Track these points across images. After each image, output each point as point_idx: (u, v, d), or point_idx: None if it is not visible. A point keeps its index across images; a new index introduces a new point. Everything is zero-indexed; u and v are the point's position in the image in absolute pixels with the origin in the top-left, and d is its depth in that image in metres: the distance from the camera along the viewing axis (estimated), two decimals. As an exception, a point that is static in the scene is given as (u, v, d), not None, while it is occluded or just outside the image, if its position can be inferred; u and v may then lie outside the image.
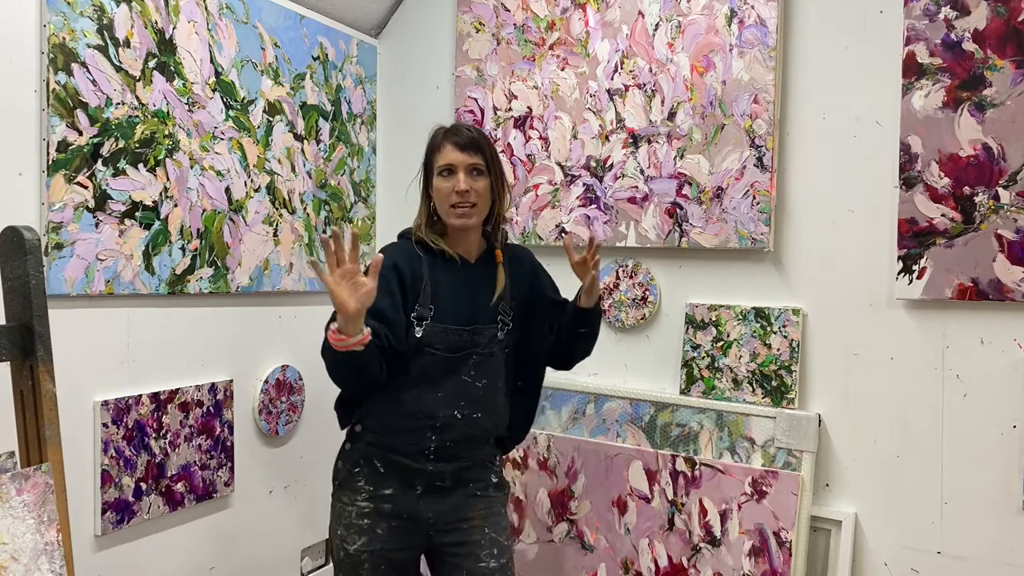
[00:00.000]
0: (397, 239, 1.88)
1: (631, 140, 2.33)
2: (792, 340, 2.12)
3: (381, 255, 1.58)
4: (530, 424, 1.98)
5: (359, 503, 1.77)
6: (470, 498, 1.81)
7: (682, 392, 2.27)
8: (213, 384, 2.18)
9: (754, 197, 2.15)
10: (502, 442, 1.93)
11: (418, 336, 1.73)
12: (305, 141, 2.49)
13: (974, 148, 1.89)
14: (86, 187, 1.84)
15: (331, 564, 2.65)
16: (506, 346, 1.85)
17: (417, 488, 1.77)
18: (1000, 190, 1.86)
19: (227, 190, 2.21)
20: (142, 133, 1.96)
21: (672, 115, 2.27)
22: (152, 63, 1.98)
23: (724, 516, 2.11)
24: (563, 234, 2.41)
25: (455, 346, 1.76)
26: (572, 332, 1.89)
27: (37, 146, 1.77)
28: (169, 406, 2.05)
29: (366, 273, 1.52)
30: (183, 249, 2.08)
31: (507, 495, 1.95)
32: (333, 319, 1.56)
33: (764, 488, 2.06)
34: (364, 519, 1.75)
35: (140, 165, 1.96)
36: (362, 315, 1.52)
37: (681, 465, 2.18)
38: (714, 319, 2.24)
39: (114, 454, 1.92)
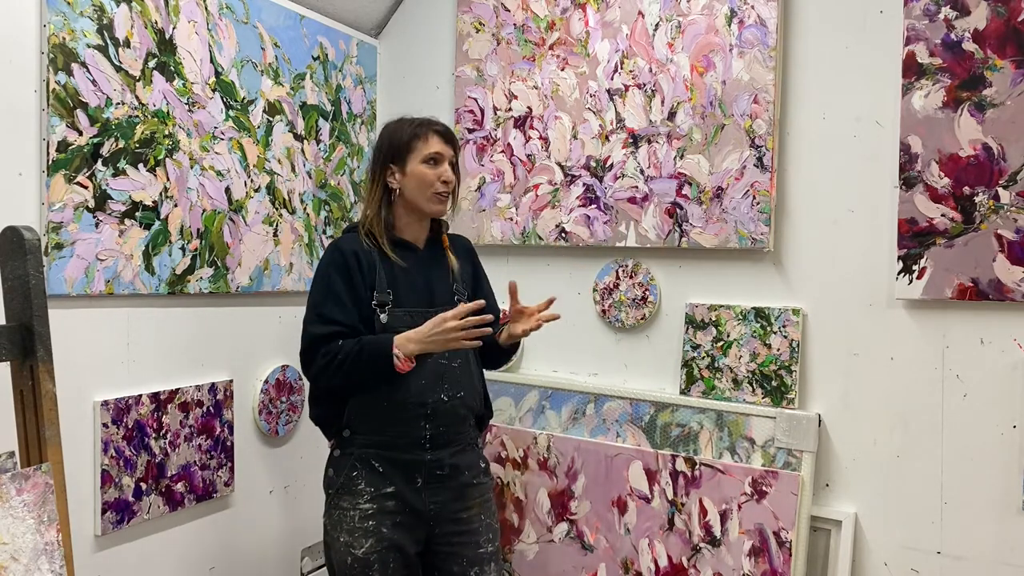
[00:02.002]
0: (344, 234, 1.93)
1: (631, 140, 2.33)
2: (792, 340, 2.12)
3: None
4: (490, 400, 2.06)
5: (361, 506, 1.78)
6: (467, 487, 1.87)
7: (682, 392, 2.27)
8: (213, 384, 2.18)
9: (754, 197, 2.15)
10: (479, 420, 1.98)
11: (384, 322, 1.78)
12: (305, 141, 2.49)
13: (974, 148, 1.89)
14: (86, 187, 1.84)
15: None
16: None
17: (418, 481, 1.80)
18: (1000, 190, 1.86)
19: (227, 190, 2.21)
20: (142, 133, 1.96)
21: (672, 115, 2.27)
22: (152, 63, 1.98)
23: (724, 516, 2.11)
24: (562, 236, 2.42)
25: None
26: (495, 354, 1.98)
27: (37, 146, 1.76)
28: (169, 406, 2.05)
29: None
30: (183, 249, 2.08)
31: (492, 476, 2.01)
32: (368, 348, 1.72)
33: (764, 488, 2.06)
34: (368, 521, 1.77)
35: (140, 165, 1.96)
36: None
37: (681, 465, 2.18)
38: (714, 319, 2.23)
39: (114, 454, 1.92)
